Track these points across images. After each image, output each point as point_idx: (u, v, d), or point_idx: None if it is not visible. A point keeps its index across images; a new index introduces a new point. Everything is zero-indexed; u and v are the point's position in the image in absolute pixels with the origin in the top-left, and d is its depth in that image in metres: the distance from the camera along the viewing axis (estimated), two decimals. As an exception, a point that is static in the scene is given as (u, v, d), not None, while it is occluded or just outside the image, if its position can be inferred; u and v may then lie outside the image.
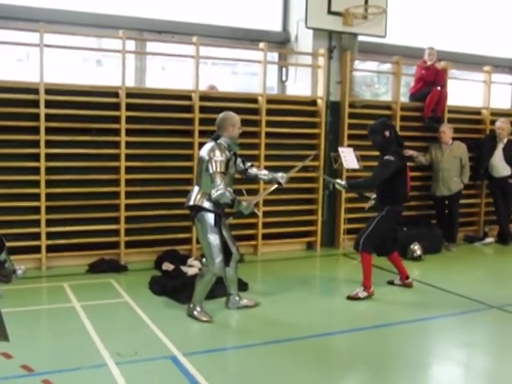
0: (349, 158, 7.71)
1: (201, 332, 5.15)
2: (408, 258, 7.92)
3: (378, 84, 10.74)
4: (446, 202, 8.81)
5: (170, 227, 7.49)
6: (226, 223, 5.55)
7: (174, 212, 7.47)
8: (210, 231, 5.27)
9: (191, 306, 5.42)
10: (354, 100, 8.57)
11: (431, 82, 8.93)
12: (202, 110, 7.52)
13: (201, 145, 7.37)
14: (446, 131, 8.69)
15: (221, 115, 5.50)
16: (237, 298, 5.74)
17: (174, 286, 6.05)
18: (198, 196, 5.31)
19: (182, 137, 7.53)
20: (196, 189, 5.40)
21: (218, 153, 5.22)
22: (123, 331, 5.10)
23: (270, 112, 7.88)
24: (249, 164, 5.74)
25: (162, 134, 7.39)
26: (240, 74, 9.71)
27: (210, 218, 5.27)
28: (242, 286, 6.09)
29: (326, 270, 7.53)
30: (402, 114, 8.84)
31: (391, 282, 6.70)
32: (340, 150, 7.93)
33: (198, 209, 5.30)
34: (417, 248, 7.96)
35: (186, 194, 7.35)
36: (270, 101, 7.94)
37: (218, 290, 5.74)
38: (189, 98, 7.54)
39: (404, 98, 9.33)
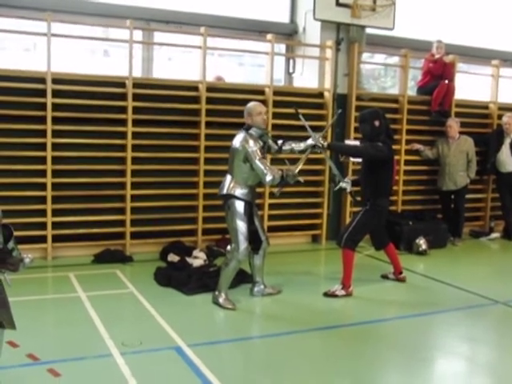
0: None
1: (205, 323, 5.17)
2: (413, 252, 7.93)
3: (386, 77, 10.72)
4: (452, 196, 8.79)
5: (175, 218, 7.51)
6: (257, 212, 5.82)
7: (179, 203, 7.50)
8: (238, 218, 5.48)
9: (216, 293, 5.56)
10: (361, 93, 8.56)
11: (439, 75, 8.89)
12: (209, 101, 7.52)
13: (207, 136, 7.51)
14: (453, 125, 8.67)
15: (246, 106, 5.67)
16: (262, 286, 5.90)
17: (179, 278, 6.08)
18: (231, 185, 5.54)
19: (189, 128, 7.53)
20: (228, 178, 5.59)
21: (251, 142, 5.43)
22: (128, 321, 5.13)
23: (276, 104, 7.87)
24: (281, 141, 5.88)
25: (168, 124, 7.40)
26: (247, 66, 9.70)
27: (240, 205, 5.49)
28: (247, 278, 6.12)
29: (330, 263, 7.53)
30: (409, 108, 8.82)
31: (385, 276, 6.70)
32: (346, 142, 7.93)
33: (229, 197, 5.51)
34: (422, 242, 7.95)
35: (193, 185, 7.55)
36: (276, 92, 7.94)
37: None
38: (195, 88, 7.54)
39: (411, 92, 9.31)
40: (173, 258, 6.83)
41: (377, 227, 6.36)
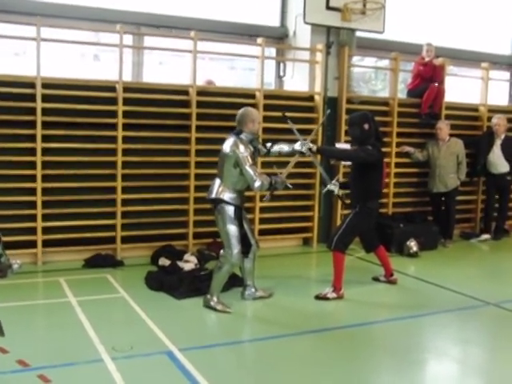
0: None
1: (197, 327, 5.15)
2: (404, 254, 7.94)
3: (376, 80, 10.74)
4: (443, 198, 8.81)
5: (166, 222, 7.49)
6: (246, 216, 5.79)
7: (170, 207, 7.48)
8: (229, 223, 5.48)
9: (208, 296, 5.55)
10: (352, 96, 8.57)
11: (429, 78, 8.91)
12: (200, 104, 7.51)
13: (198, 140, 7.50)
14: (443, 128, 8.69)
15: (240, 111, 5.66)
16: (253, 290, 5.89)
17: (170, 282, 6.05)
18: (220, 189, 5.54)
19: (180, 132, 7.51)
20: (217, 182, 5.59)
21: (242, 148, 5.42)
22: (119, 326, 5.10)
23: (267, 107, 7.86)
24: (269, 144, 5.89)
25: (159, 128, 7.38)
26: (238, 69, 9.68)
27: (230, 210, 5.49)
28: (238, 281, 6.11)
29: (322, 266, 7.50)
30: (400, 110, 8.84)
31: (376, 279, 6.69)
32: (337, 145, 7.93)
33: (218, 201, 5.51)
34: (413, 244, 7.96)
35: (183, 188, 7.53)
36: (267, 96, 7.93)
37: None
38: (186, 92, 7.52)
39: (401, 95, 9.33)
40: (164, 262, 6.80)
41: (367, 230, 6.36)
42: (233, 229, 5.48)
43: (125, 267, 6.95)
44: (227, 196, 5.50)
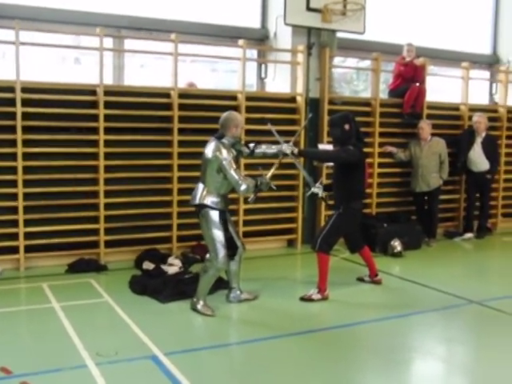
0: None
1: (182, 330, 5.12)
2: (388, 254, 7.97)
3: (358, 81, 10.77)
4: (426, 197, 8.86)
5: (149, 226, 7.46)
6: (230, 218, 5.79)
7: (153, 211, 7.45)
8: (213, 227, 5.47)
9: (194, 300, 5.53)
10: (334, 97, 8.59)
11: (410, 78, 8.96)
12: (181, 107, 7.49)
13: (180, 142, 7.47)
14: (425, 127, 8.73)
15: (224, 115, 5.65)
16: (238, 292, 5.89)
17: (154, 285, 6.02)
18: (203, 194, 5.52)
19: (161, 135, 7.49)
20: (201, 186, 5.57)
21: (224, 152, 5.42)
22: (103, 331, 5.06)
23: (249, 109, 7.86)
24: (252, 144, 5.87)
25: (140, 132, 7.35)
26: (219, 71, 9.67)
27: (214, 214, 5.48)
28: (223, 284, 6.09)
29: (306, 268, 7.50)
30: (382, 111, 8.88)
31: (361, 279, 6.71)
32: (320, 146, 7.95)
33: (202, 206, 5.50)
34: (397, 244, 7.99)
35: (166, 191, 7.50)
36: (249, 98, 7.93)
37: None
38: (168, 95, 7.50)
39: (383, 95, 9.36)
40: (148, 265, 6.77)
41: (351, 230, 6.38)
42: (218, 233, 5.47)
43: (108, 272, 6.91)
44: (211, 201, 5.49)
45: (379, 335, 5.15)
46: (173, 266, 6.75)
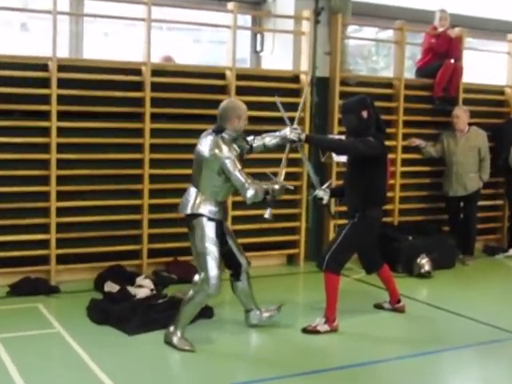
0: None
1: (155, 370, 5.10)
2: (414, 274, 7.99)
3: (377, 56, 10.80)
4: (461, 203, 8.90)
5: (113, 237, 7.44)
6: (229, 229, 5.93)
7: (119, 218, 7.44)
8: (208, 241, 5.48)
9: (171, 330, 5.51)
10: (347, 76, 8.60)
11: (443, 53, 8.99)
12: (155, 87, 7.48)
13: (153, 131, 7.45)
14: (461, 115, 8.75)
15: (224, 104, 5.68)
16: (258, 312, 5.99)
17: (119, 313, 6.01)
18: (197, 201, 5.53)
19: (130, 122, 7.50)
20: (193, 191, 5.59)
21: (225, 150, 5.42)
22: (54, 371, 5.04)
23: (240, 90, 7.85)
24: (251, 138, 5.92)
25: (103, 118, 7.35)
26: (204, 43, 9.69)
27: (210, 226, 5.50)
28: (206, 312, 6.10)
29: (311, 291, 7.51)
30: (407, 94, 8.91)
31: (379, 306, 6.72)
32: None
33: (196, 216, 5.51)
34: (425, 262, 8.00)
35: (135, 193, 7.49)
36: (240, 76, 7.93)
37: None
38: (138, 72, 7.49)
39: (409, 74, 9.39)
40: (111, 287, 6.75)
41: (368, 245, 6.38)
42: (212, 249, 5.47)
43: (61, 294, 6.89)
44: (207, 209, 5.50)
45: (401, 377, 5.16)
46: (142, 288, 6.73)
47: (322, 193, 6.10)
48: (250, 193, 5.39)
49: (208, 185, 5.49)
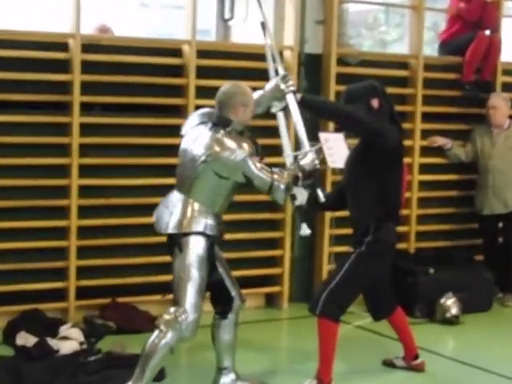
0: (336, 150, 7.69)
1: None
2: (437, 319, 8.02)
3: (387, 25, 10.85)
4: (501, 224, 8.94)
5: (30, 271, 7.40)
6: (220, 252, 5.88)
7: (36, 244, 7.40)
8: (196, 264, 5.45)
9: None
10: (347, 52, 8.62)
11: (475, 22, 9.03)
12: (87, 67, 7.45)
13: (84, 127, 7.41)
14: (499, 106, 8.79)
15: (226, 88, 5.69)
16: (233, 376, 5.93)
17: (35, 374, 5.97)
18: (189, 213, 5.51)
19: (51, 114, 7.49)
20: (178, 200, 5.58)
21: (235, 147, 5.39)
22: None
23: (202, 72, 7.86)
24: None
25: (15, 108, 7.33)
26: (153, 8, 9.70)
27: (202, 245, 5.50)
28: (161, 376, 6.02)
29: (298, 343, 7.51)
30: (427, 77, 8.96)
31: (390, 364, 6.71)
32: (322, 136, 7.92)
33: (185, 233, 5.49)
34: (451, 303, 8.01)
35: (59, 212, 7.43)
36: (203, 52, 7.91)
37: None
38: (63, 47, 7.47)
39: (430, 50, 9.42)
40: (25, 339, 6.71)
41: (377, 281, 6.36)
42: (199, 277, 5.45)
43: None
44: (203, 224, 5.50)
45: None
46: (68, 341, 6.69)
47: (298, 191, 5.91)
48: (281, 193, 5.46)
49: (205, 192, 5.53)
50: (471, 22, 9.05)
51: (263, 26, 6.03)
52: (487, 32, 9.00)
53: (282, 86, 5.72)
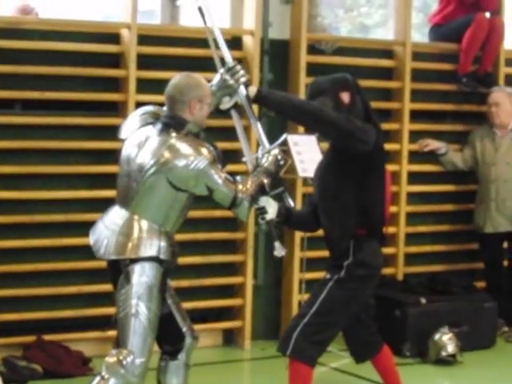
0: (307, 156, 7.71)
1: None
2: (430, 359, 8.03)
3: (369, 6, 10.89)
4: (506, 244, 8.98)
5: None
6: (169, 283, 5.84)
7: None
8: (146, 295, 5.40)
9: None
10: (319, 38, 8.61)
11: (472, 2, 9.07)
12: (4, 56, 7.43)
13: (4, 129, 7.35)
14: (503, 102, 8.83)
15: (177, 81, 5.63)
16: None
17: None
18: (135, 234, 5.45)
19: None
20: (121, 217, 5.53)
21: (192, 152, 5.35)
22: None
23: (145, 62, 7.86)
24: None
25: None
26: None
27: (154, 272, 5.44)
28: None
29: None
30: (416, 67, 8.99)
31: None
32: (290, 139, 7.90)
33: (133, 260, 5.43)
34: (447, 339, 8.02)
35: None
36: (145, 39, 7.91)
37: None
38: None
39: (419, 35, 9.45)
40: None
41: (360, 315, 6.32)
42: (147, 310, 5.41)
43: None
44: (155, 247, 5.45)
45: None
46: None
47: (267, 202, 5.91)
48: (246, 208, 5.47)
49: (155, 207, 5.50)
50: (468, 1, 9.08)
51: (201, 10, 5.97)
52: (487, 14, 9.03)
53: (229, 80, 5.75)
